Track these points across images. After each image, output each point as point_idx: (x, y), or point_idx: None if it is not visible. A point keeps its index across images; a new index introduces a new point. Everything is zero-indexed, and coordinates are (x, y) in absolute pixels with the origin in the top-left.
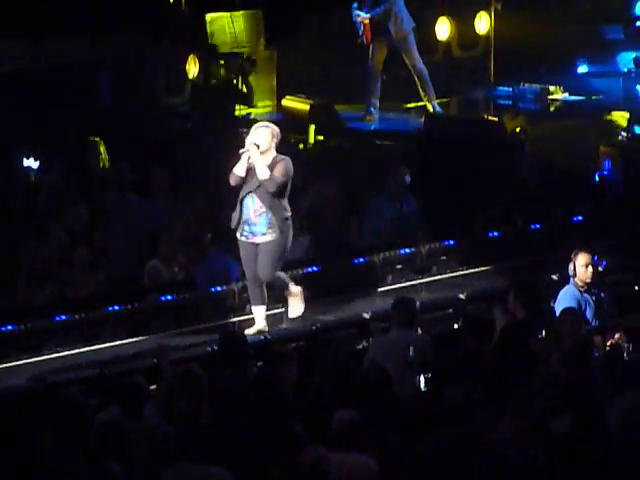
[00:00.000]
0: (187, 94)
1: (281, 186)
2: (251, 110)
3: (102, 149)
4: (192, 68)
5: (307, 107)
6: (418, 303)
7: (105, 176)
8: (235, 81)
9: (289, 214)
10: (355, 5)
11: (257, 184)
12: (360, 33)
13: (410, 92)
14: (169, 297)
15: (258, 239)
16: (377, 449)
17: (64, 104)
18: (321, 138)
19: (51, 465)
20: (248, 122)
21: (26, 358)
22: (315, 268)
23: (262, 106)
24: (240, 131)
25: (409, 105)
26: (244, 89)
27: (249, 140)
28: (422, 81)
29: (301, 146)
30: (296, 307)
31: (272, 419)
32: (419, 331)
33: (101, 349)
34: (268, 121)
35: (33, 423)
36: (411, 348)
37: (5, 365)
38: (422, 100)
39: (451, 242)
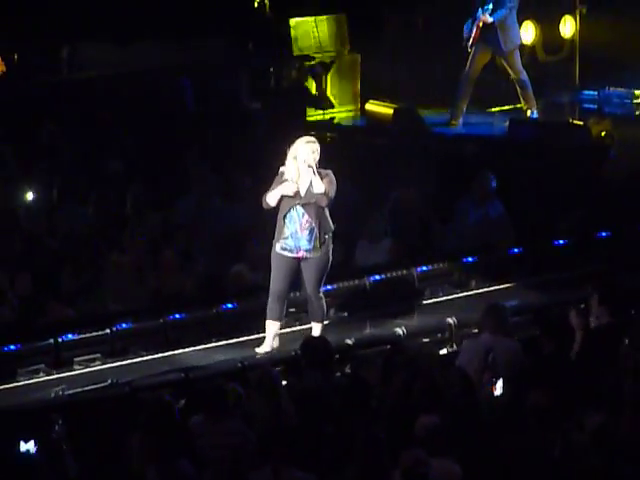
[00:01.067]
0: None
1: (332, 200)
2: (335, 114)
3: None
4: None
5: (391, 111)
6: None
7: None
8: (307, 84)
9: (333, 228)
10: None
11: (305, 200)
12: (469, 33)
13: (494, 96)
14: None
15: (304, 254)
16: (461, 454)
17: (149, 109)
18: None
19: (136, 466)
20: (332, 126)
21: (111, 362)
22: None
23: (346, 110)
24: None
25: (493, 109)
26: (316, 92)
27: (299, 154)
28: (524, 92)
29: (385, 149)
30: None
31: (356, 423)
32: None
33: (185, 353)
34: (350, 126)
35: (120, 425)
36: (491, 354)
37: (92, 369)
38: (506, 104)
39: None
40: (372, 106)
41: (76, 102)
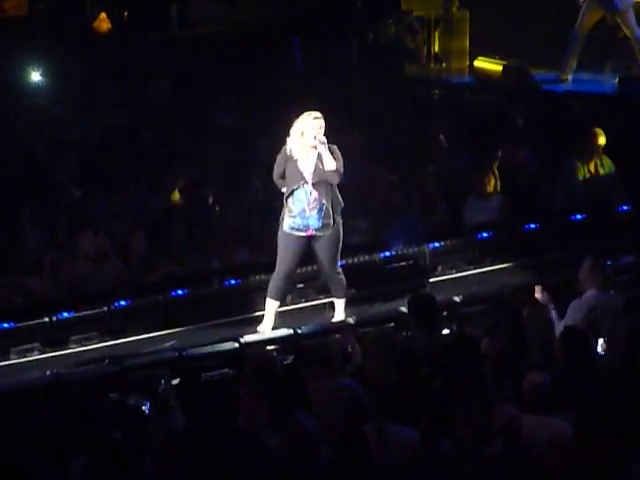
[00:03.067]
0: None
1: (342, 177)
2: (443, 71)
3: None
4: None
5: (500, 68)
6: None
7: None
8: (404, 40)
9: (342, 204)
10: None
11: (315, 178)
12: None
13: (605, 53)
14: None
15: (313, 232)
16: (571, 413)
17: (258, 66)
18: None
19: (242, 417)
20: (440, 83)
21: (220, 318)
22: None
23: (454, 67)
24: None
25: (604, 67)
26: (413, 47)
27: (306, 130)
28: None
29: (493, 107)
30: (341, 312)
31: (464, 379)
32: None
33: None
34: (458, 83)
35: (228, 380)
36: (593, 312)
37: (202, 325)
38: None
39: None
40: (481, 63)
41: (186, 59)
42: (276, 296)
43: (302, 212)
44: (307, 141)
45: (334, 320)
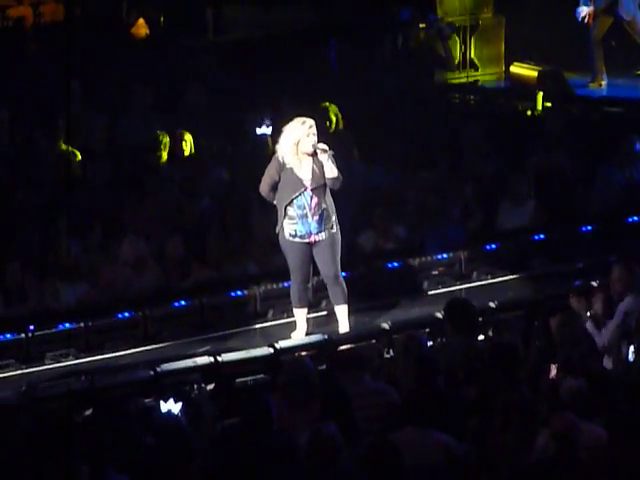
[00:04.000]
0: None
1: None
2: (478, 77)
3: (333, 115)
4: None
5: (535, 74)
6: None
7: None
8: (435, 46)
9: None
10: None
11: (314, 184)
12: (580, 19)
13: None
14: None
15: (316, 237)
16: (606, 418)
17: (294, 71)
18: (549, 105)
19: (278, 426)
20: (475, 89)
21: (255, 324)
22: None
23: (490, 73)
24: (452, 97)
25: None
26: (443, 53)
27: (302, 139)
28: None
29: (529, 113)
30: (344, 319)
31: (499, 386)
32: None
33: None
34: (494, 88)
35: (263, 385)
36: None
37: (239, 329)
38: None
39: None
40: (517, 68)
41: (221, 65)
42: (300, 304)
43: (304, 219)
44: (303, 150)
45: (340, 330)
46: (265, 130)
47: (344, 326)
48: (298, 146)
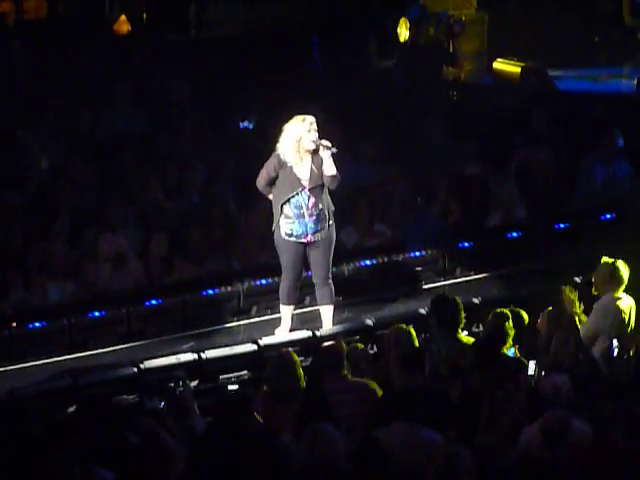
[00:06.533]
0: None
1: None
2: (461, 73)
3: None
4: (403, 31)
5: (518, 69)
6: None
7: None
8: (444, 42)
9: (333, 208)
10: None
11: (312, 183)
12: None
13: (622, 54)
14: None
15: (312, 237)
16: (590, 415)
17: (277, 67)
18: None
19: (261, 423)
20: (458, 86)
21: (238, 320)
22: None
23: (472, 68)
24: (450, 93)
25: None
26: (452, 50)
27: (304, 136)
28: None
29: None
30: (329, 319)
31: (488, 382)
32: None
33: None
34: (477, 84)
35: (246, 382)
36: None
37: (223, 326)
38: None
39: None
40: (499, 64)
41: (204, 61)
42: (288, 302)
43: (300, 218)
44: (305, 147)
45: (323, 328)
46: (247, 126)
47: (328, 326)
48: (300, 143)
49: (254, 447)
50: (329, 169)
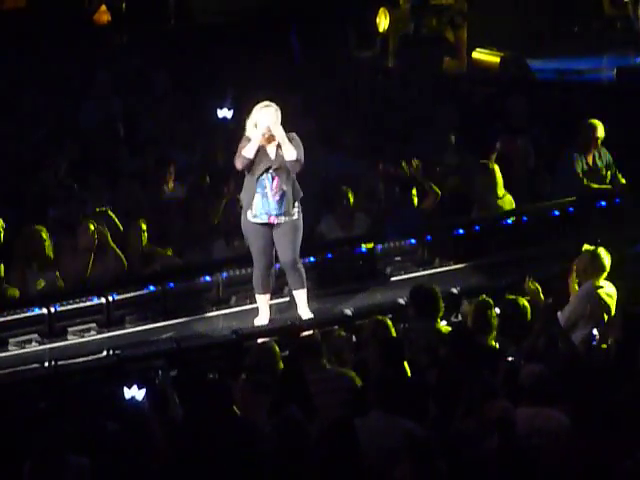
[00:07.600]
0: (378, 47)
1: (303, 165)
2: (462, 64)
3: None
4: (382, 21)
5: (498, 59)
6: None
7: None
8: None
9: (301, 194)
10: None
11: (276, 164)
12: None
13: (603, 44)
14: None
15: (274, 219)
16: (568, 405)
17: (256, 56)
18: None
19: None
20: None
21: (217, 310)
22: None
23: (452, 59)
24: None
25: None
26: (452, 41)
27: (258, 121)
28: None
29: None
30: (304, 304)
31: (464, 372)
32: None
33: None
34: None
35: (225, 370)
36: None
37: (202, 315)
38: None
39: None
40: (479, 54)
41: (183, 50)
42: (263, 290)
43: (264, 198)
44: (263, 131)
45: (300, 314)
46: (226, 114)
47: (304, 310)
48: (257, 129)
49: (233, 436)
50: (287, 154)
